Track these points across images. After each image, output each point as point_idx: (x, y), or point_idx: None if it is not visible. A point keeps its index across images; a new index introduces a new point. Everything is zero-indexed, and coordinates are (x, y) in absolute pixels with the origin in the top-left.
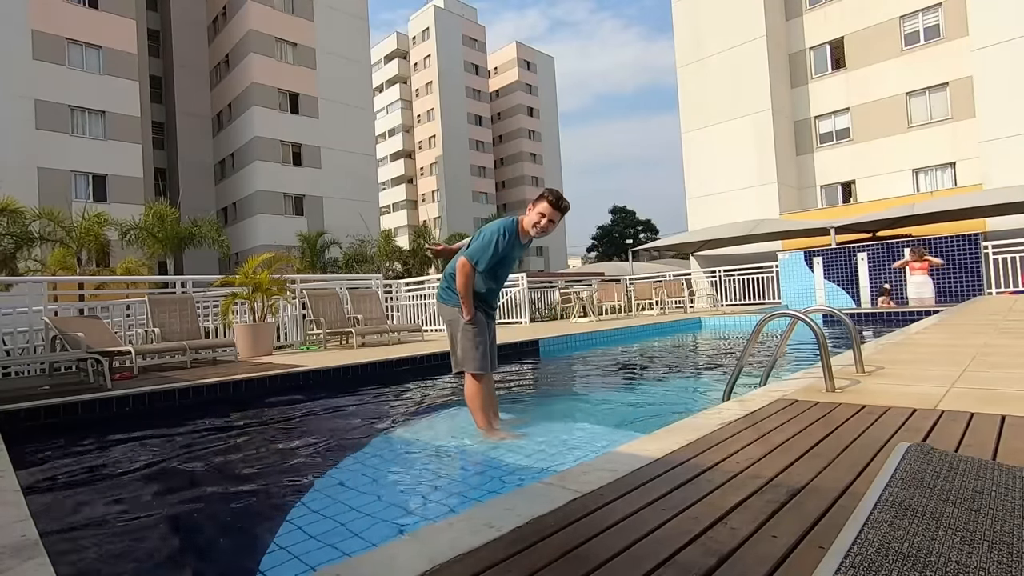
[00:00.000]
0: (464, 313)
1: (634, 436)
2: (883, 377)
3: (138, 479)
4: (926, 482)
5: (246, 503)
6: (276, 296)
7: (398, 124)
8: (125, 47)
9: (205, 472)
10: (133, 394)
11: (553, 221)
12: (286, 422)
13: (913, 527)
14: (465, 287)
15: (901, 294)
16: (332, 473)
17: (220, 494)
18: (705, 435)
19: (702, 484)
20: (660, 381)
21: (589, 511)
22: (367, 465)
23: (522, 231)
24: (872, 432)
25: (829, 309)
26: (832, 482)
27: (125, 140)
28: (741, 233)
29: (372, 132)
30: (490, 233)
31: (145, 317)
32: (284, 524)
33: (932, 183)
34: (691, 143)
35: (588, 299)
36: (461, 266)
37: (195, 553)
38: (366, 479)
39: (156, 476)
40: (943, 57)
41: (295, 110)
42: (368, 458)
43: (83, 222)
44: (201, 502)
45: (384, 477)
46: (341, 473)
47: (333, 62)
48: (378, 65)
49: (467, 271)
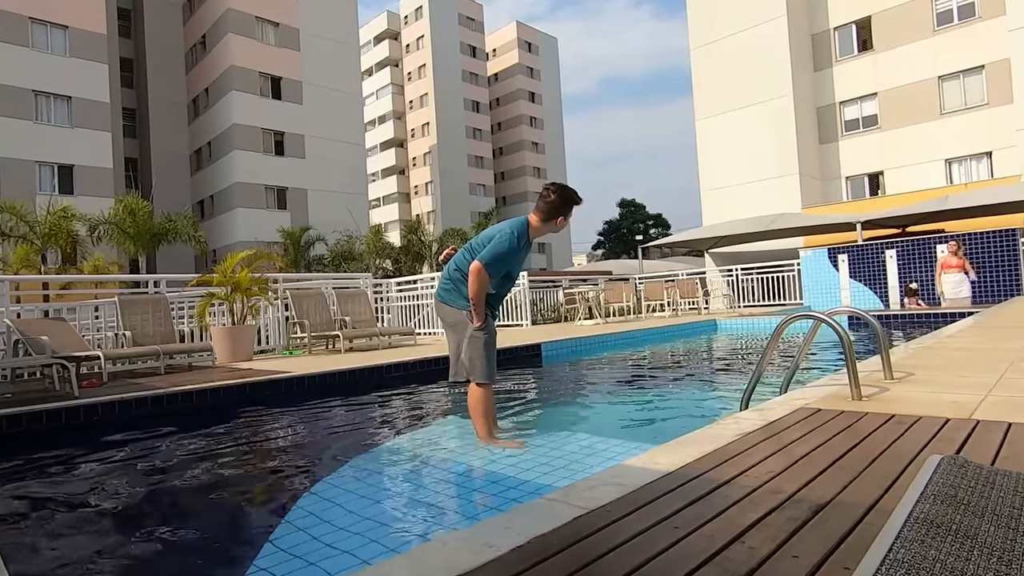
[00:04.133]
0: (474, 319)
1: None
2: (913, 384)
3: (107, 494)
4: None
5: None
6: (257, 297)
7: (389, 110)
8: (94, 27)
9: (179, 487)
10: (102, 402)
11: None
12: (268, 433)
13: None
14: (479, 293)
15: (932, 294)
16: (318, 488)
17: (196, 511)
18: (721, 447)
19: (717, 500)
20: (672, 389)
21: (595, 529)
22: (356, 480)
23: (532, 233)
24: (901, 443)
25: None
26: (858, 497)
27: (93, 128)
28: (760, 228)
29: (361, 119)
30: (504, 234)
31: (115, 319)
32: (266, 545)
33: (966, 174)
34: (706, 131)
35: (594, 300)
36: (476, 271)
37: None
38: (354, 495)
39: (126, 491)
40: (978, 38)
41: (277, 95)
42: (357, 472)
43: (48, 217)
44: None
45: (374, 493)
46: (327, 488)
47: (318, 43)
48: (367, 47)
49: (483, 276)
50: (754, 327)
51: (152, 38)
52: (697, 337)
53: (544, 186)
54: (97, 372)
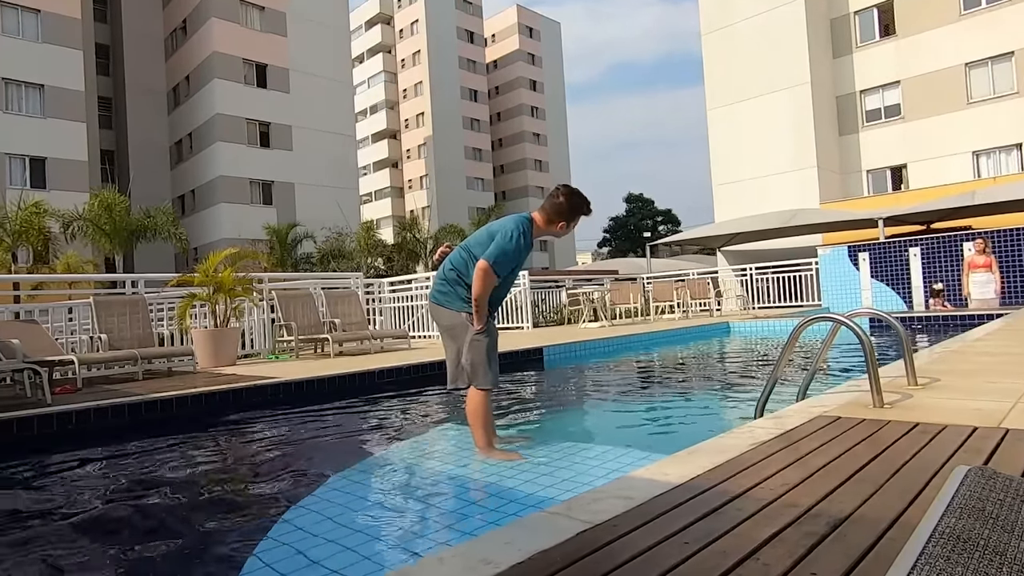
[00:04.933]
0: (475, 322)
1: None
2: (939, 390)
3: (80, 509)
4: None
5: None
6: (241, 297)
7: (381, 99)
8: (68, 11)
9: (158, 501)
10: (76, 410)
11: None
12: (253, 443)
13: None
14: (483, 295)
15: (958, 295)
16: (306, 501)
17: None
18: (734, 457)
19: (730, 514)
20: (682, 395)
21: (600, 544)
22: (346, 492)
23: (535, 231)
24: (926, 454)
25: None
26: (880, 511)
27: (67, 118)
28: (775, 225)
29: (351, 109)
30: (509, 231)
31: (90, 321)
32: (250, 559)
33: (995, 167)
34: (718, 122)
35: (599, 301)
36: (483, 271)
37: None
38: (345, 508)
39: (101, 505)
40: (1007, 22)
41: (263, 83)
42: (347, 484)
43: (19, 212)
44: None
45: (366, 506)
46: (316, 501)
47: (306, 28)
48: (358, 32)
49: (491, 277)
50: (769, 330)
51: (129, 23)
52: (709, 340)
53: (556, 186)
54: (71, 378)
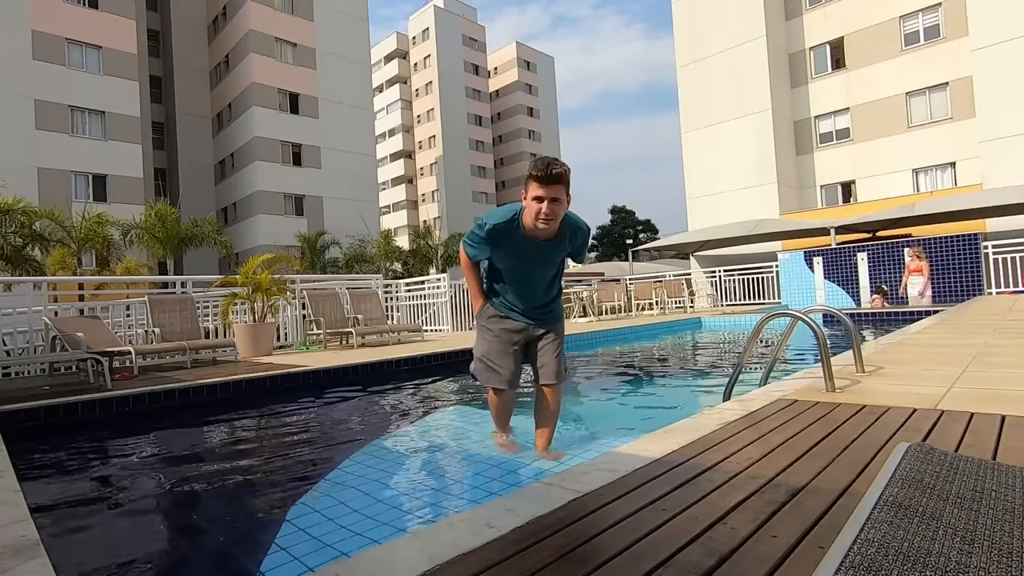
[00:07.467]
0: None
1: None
2: (883, 377)
3: (138, 480)
4: (926, 482)
5: (245, 503)
6: (276, 296)
7: (398, 124)
8: (125, 47)
9: (205, 472)
10: (133, 394)
11: (556, 199)
12: (287, 422)
13: (913, 527)
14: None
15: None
16: (332, 474)
17: (220, 494)
18: (705, 435)
19: (702, 484)
20: (660, 381)
21: (589, 511)
22: (367, 466)
23: (528, 228)
24: (872, 432)
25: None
26: (832, 482)
27: (125, 140)
28: (741, 233)
29: (372, 132)
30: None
31: (145, 317)
32: (284, 524)
33: (932, 183)
34: (691, 143)
35: (588, 299)
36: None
37: (196, 552)
38: (366, 480)
39: (156, 476)
40: (943, 57)
41: (295, 110)
42: (369, 459)
43: (84, 222)
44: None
45: (385, 478)
46: (341, 474)
47: (333, 62)
48: (378, 65)
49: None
50: (736, 324)
51: (179, 57)
52: (683, 334)
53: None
54: (128, 366)
